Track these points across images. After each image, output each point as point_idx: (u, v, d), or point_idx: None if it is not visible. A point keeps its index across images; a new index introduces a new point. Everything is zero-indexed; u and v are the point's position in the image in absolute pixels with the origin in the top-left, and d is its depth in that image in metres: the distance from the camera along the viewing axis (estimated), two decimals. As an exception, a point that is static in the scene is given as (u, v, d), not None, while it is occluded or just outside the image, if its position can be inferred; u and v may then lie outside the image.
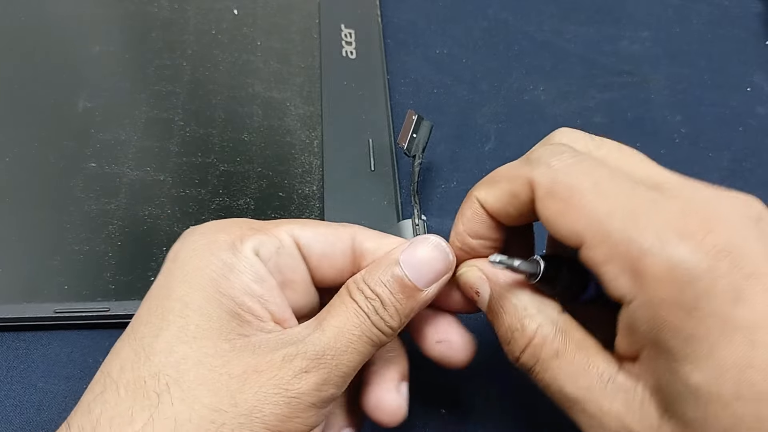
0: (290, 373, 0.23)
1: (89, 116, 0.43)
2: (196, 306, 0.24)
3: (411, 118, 0.38)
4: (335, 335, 0.24)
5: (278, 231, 0.26)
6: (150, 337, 0.23)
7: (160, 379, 0.22)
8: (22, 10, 0.49)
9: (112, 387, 0.23)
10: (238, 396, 0.22)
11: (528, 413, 0.33)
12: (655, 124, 0.45)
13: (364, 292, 0.25)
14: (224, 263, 0.25)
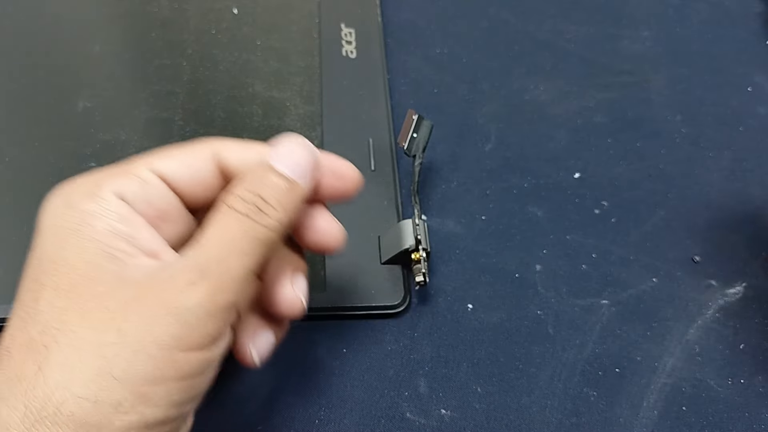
0: (175, 290, 0.23)
1: (89, 116, 0.43)
2: (63, 260, 0.24)
3: (411, 117, 0.38)
4: (217, 243, 0.24)
5: (137, 169, 0.26)
6: (31, 301, 0.23)
7: (45, 333, 0.22)
8: (22, 10, 0.49)
9: (6, 354, 0.23)
10: (124, 326, 0.22)
11: (528, 413, 0.33)
12: (655, 124, 0.45)
13: (242, 197, 0.25)
14: (84, 212, 0.25)
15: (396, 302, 0.36)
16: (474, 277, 0.38)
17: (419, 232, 0.35)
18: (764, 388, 0.34)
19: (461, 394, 0.34)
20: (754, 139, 0.45)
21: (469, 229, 0.40)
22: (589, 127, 0.45)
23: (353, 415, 0.33)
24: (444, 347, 0.35)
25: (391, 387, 0.34)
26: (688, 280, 0.38)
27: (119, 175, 0.26)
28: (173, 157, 0.27)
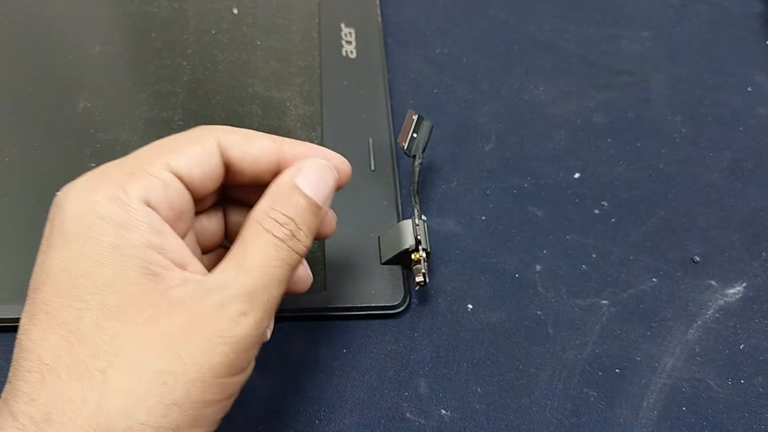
0: (228, 320, 0.24)
1: (89, 116, 0.43)
2: (107, 280, 0.23)
3: (411, 117, 0.38)
4: (261, 273, 0.25)
5: (157, 169, 0.26)
6: (74, 320, 0.23)
7: (99, 357, 0.22)
8: (22, 10, 0.49)
9: (53, 375, 0.22)
10: (183, 353, 0.23)
11: (528, 413, 0.33)
12: (655, 124, 0.45)
13: (277, 219, 0.26)
14: (117, 224, 0.24)
15: (396, 302, 0.36)
16: (474, 277, 0.38)
17: (419, 233, 0.35)
18: (764, 388, 0.34)
19: (461, 395, 0.34)
20: (754, 139, 0.45)
21: (469, 229, 0.40)
22: (589, 127, 0.45)
23: (353, 415, 0.33)
24: (444, 347, 0.35)
25: (391, 387, 0.34)
26: (688, 280, 0.38)
27: (141, 176, 0.25)
28: (185, 152, 0.27)
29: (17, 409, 0.22)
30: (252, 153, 0.28)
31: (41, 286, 0.24)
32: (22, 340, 0.24)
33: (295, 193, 0.27)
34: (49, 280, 0.24)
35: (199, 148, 0.27)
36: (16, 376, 0.23)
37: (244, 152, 0.28)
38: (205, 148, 0.27)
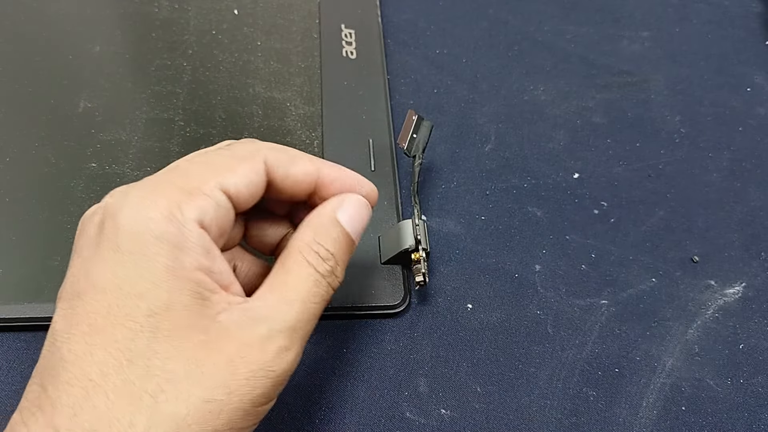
0: (272, 353, 0.24)
1: (90, 116, 0.43)
2: (162, 303, 0.23)
3: (411, 118, 0.38)
4: (302, 308, 0.26)
5: (210, 188, 0.26)
6: (125, 340, 0.23)
7: (149, 380, 0.22)
8: (22, 10, 0.49)
9: (98, 392, 0.22)
10: (231, 384, 0.23)
11: (528, 413, 0.33)
12: (655, 124, 0.45)
13: (319, 253, 0.27)
14: (172, 245, 0.24)
15: (396, 302, 0.36)
16: (474, 277, 0.38)
17: (419, 233, 0.35)
18: (764, 387, 0.34)
19: (461, 394, 0.34)
20: (753, 139, 0.45)
21: (469, 229, 0.40)
22: (589, 127, 0.45)
23: (353, 415, 0.33)
24: (444, 347, 0.35)
25: (391, 387, 0.34)
26: (688, 280, 0.38)
27: (196, 195, 0.25)
28: (236, 172, 0.27)
29: (59, 422, 0.22)
30: (294, 174, 0.28)
31: (87, 297, 0.24)
32: (61, 349, 0.23)
33: (336, 227, 0.28)
34: (97, 293, 0.24)
35: (249, 167, 0.27)
36: (55, 385, 0.23)
37: (288, 173, 0.28)
38: (254, 167, 0.27)
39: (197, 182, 0.26)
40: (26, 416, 0.23)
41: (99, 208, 0.26)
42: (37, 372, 0.24)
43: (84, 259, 0.25)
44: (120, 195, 0.25)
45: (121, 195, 0.25)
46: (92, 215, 0.26)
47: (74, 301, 0.24)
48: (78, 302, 0.24)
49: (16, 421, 0.23)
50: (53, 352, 0.23)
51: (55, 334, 0.24)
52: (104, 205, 0.25)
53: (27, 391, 0.24)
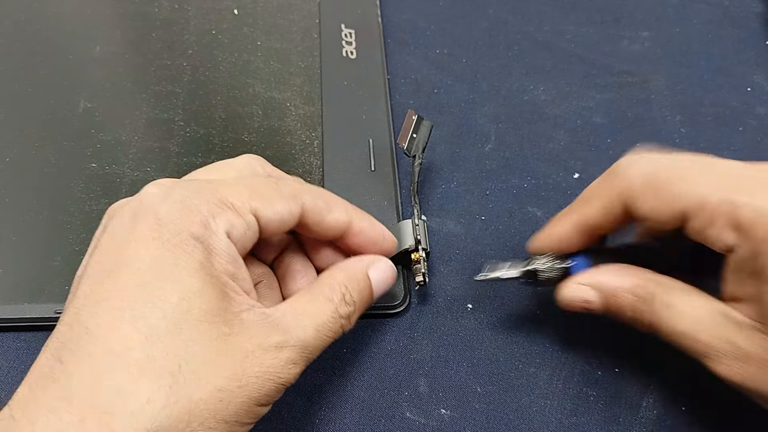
0: (282, 363, 0.26)
1: (90, 116, 0.43)
2: (195, 290, 0.25)
3: (411, 118, 0.38)
4: (316, 333, 0.28)
5: (244, 210, 0.27)
6: (155, 318, 0.24)
7: (171, 359, 0.23)
8: (22, 10, 0.49)
9: (120, 365, 0.23)
10: (243, 379, 0.25)
11: (528, 413, 0.33)
12: (655, 124, 0.45)
13: (344, 297, 0.29)
14: (204, 247, 0.26)
15: (396, 302, 0.36)
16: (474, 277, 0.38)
17: (419, 233, 0.35)
18: (763, 387, 0.34)
19: (461, 394, 0.34)
20: (753, 139, 0.45)
21: (469, 229, 0.40)
22: (589, 127, 0.45)
23: (353, 415, 0.33)
24: (444, 347, 0.35)
25: (391, 387, 0.34)
26: (688, 280, 0.38)
27: (229, 211, 0.27)
28: (273, 205, 0.28)
29: (75, 395, 0.22)
30: (327, 222, 0.30)
31: (120, 274, 0.25)
32: (86, 322, 0.24)
33: (365, 280, 0.31)
34: (132, 271, 0.25)
35: (286, 206, 0.29)
36: (74, 357, 0.23)
37: (322, 219, 0.30)
38: (290, 207, 0.29)
39: (235, 200, 0.27)
40: (36, 389, 0.23)
41: (132, 199, 0.27)
42: (51, 347, 0.24)
43: (117, 240, 0.26)
44: (165, 189, 0.27)
45: (165, 190, 0.27)
46: (124, 205, 0.27)
47: (104, 278, 0.25)
48: (108, 279, 0.25)
49: (23, 396, 0.23)
50: (74, 326, 0.24)
51: (80, 308, 0.24)
52: (142, 196, 0.27)
53: (36, 365, 0.24)
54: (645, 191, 0.28)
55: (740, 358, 0.27)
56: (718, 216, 0.26)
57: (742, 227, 0.26)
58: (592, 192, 0.31)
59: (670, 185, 0.27)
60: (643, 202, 0.28)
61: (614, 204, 0.29)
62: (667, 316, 0.28)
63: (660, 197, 0.28)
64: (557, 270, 0.32)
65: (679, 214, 0.27)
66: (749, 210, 0.25)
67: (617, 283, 0.30)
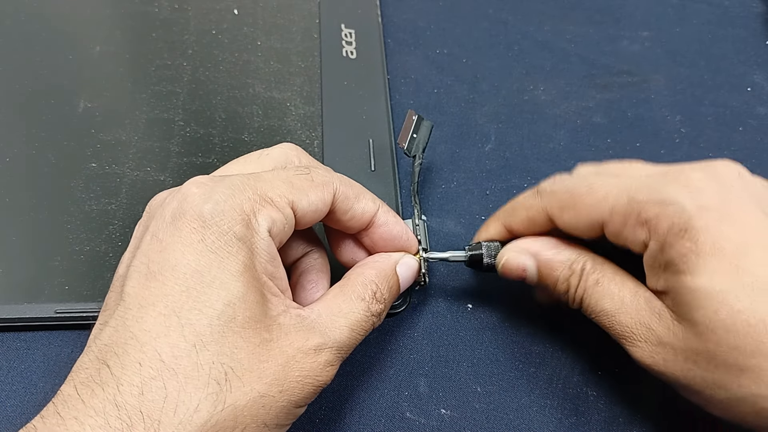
0: (320, 365, 0.27)
1: (90, 116, 0.43)
2: (240, 295, 0.25)
3: (411, 118, 0.38)
4: (350, 333, 0.28)
5: (283, 204, 0.28)
6: (201, 325, 0.24)
7: (217, 367, 0.24)
8: (22, 10, 0.49)
9: (169, 373, 0.23)
10: (284, 384, 0.25)
11: (528, 412, 0.33)
12: (655, 124, 0.45)
13: (375, 295, 0.30)
14: (248, 247, 0.26)
15: (396, 302, 0.36)
16: (474, 277, 0.38)
17: (419, 233, 0.35)
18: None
19: (461, 394, 0.34)
20: (753, 139, 0.45)
21: (469, 229, 0.40)
22: (589, 127, 0.45)
23: (353, 415, 0.33)
24: (444, 347, 0.35)
25: (391, 387, 0.34)
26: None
27: (271, 207, 0.27)
28: (308, 195, 0.29)
29: (123, 399, 0.22)
30: (356, 211, 0.31)
31: (165, 278, 0.25)
32: (132, 327, 0.24)
33: (395, 279, 0.31)
34: (177, 275, 0.25)
35: (320, 195, 0.29)
36: (121, 362, 0.23)
37: (351, 208, 0.31)
38: (324, 196, 0.29)
39: (274, 194, 0.27)
40: (83, 391, 0.23)
41: (173, 196, 0.27)
42: (96, 348, 0.24)
43: (161, 241, 0.26)
44: (206, 189, 0.27)
45: (207, 189, 0.27)
46: (166, 202, 0.27)
47: (149, 281, 0.25)
48: (153, 282, 0.25)
49: (69, 395, 0.23)
50: (120, 330, 0.24)
51: (125, 311, 0.25)
52: (184, 195, 0.27)
53: (81, 365, 0.24)
54: (564, 207, 0.30)
55: (655, 343, 0.28)
56: (627, 217, 0.28)
57: (649, 222, 0.27)
58: (519, 204, 0.33)
59: (583, 198, 0.29)
60: (564, 217, 0.30)
61: (539, 218, 0.32)
62: (595, 293, 0.30)
63: (577, 210, 0.30)
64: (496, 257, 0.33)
65: (595, 222, 0.29)
66: (652, 205, 0.27)
67: (553, 255, 0.32)
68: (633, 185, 0.28)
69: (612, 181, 0.29)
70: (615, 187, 0.29)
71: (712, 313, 0.25)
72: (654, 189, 0.28)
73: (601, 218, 0.29)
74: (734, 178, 0.29)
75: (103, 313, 0.26)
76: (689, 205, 0.26)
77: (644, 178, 0.29)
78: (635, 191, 0.28)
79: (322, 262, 0.33)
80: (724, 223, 0.26)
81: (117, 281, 0.27)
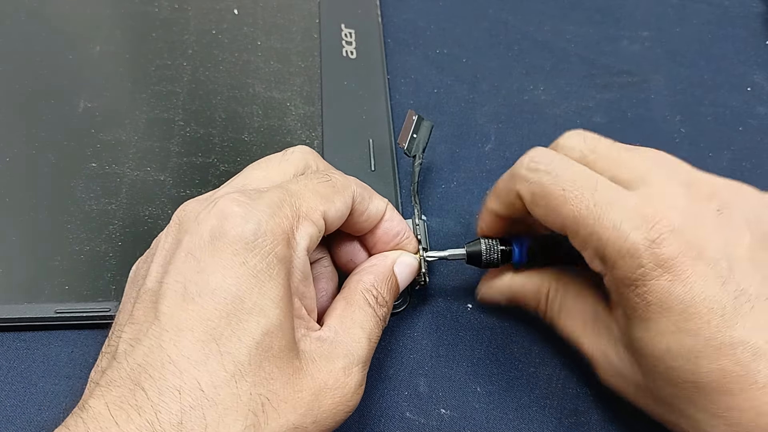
0: (352, 388, 0.27)
1: (90, 116, 0.43)
2: (278, 323, 0.25)
3: (411, 118, 0.38)
4: (369, 345, 0.28)
5: (317, 217, 0.27)
6: (241, 354, 0.24)
7: (255, 398, 0.24)
8: (22, 10, 0.49)
9: (208, 403, 0.23)
10: (317, 413, 0.25)
11: (528, 412, 0.33)
12: (655, 124, 0.45)
13: (377, 299, 0.30)
14: (287, 269, 0.26)
15: (396, 302, 0.36)
16: (474, 277, 0.38)
17: (419, 233, 0.35)
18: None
19: (461, 394, 0.34)
20: (753, 139, 0.45)
21: (469, 229, 0.40)
22: (589, 127, 0.44)
23: (353, 414, 0.33)
24: (444, 347, 0.35)
25: (390, 386, 0.34)
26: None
27: (307, 222, 0.27)
28: (335, 203, 0.29)
29: (162, 429, 0.22)
30: (371, 210, 0.31)
31: (204, 301, 0.24)
32: (168, 349, 0.23)
33: (393, 278, 0.31)
34: (217, 300, 0.24)
35: (344, 199, 0.29)
36: (158, 388, 0.23)
37: (366, 208, 0.31)
38: (346, 200, 0.29)
39: (308, 208, 0.27)
40: (117, 413, 0.22)
41: (209, 212, 0.26)
42: (128, 365, 0.24)
43: (199, 262, 0.25)
44: (246, 210, 0.26)
45: (247, 210, 0.26)
46: (201, 217, 0.26)
47: (186, 303, 0.24)
48: (192, 305, 0.24)
49: (101, 415, 0.22)
50: (156, 352, 0.23)
51: (163, 332, 0.24)
52: (223, 214, 0.26)
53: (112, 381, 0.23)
54: (534, 201, 0.29)
55: (613, 372, 0.29)
56: (587, 245, 0.27)
57: (607, 262, 0.27)
58: (499, 188, 0.32)
59: (553, 202, 0.28)
60: (534, 210, 0.29)
61: (514, 203, 0.31)
62: (560, 319, 0.32)
63: (545, 211, 0.29)
64: (498, 252, 0.33)
65: (560, 230, 0.29)
66: (614, 249, 0.26)
67: (521, 287, 0.33)
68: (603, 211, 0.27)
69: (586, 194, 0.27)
70: (587, 203, 0.27)
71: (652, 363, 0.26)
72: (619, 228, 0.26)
73: (567, 229, 0.28)
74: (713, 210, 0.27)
75: (130, 326, 0.25)
76: (646, 259, 0.25)
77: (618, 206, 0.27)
78: (604, 220, 0.26)
79: (331, 269, 0.33)
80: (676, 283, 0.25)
81: (146, 295, 0.26)
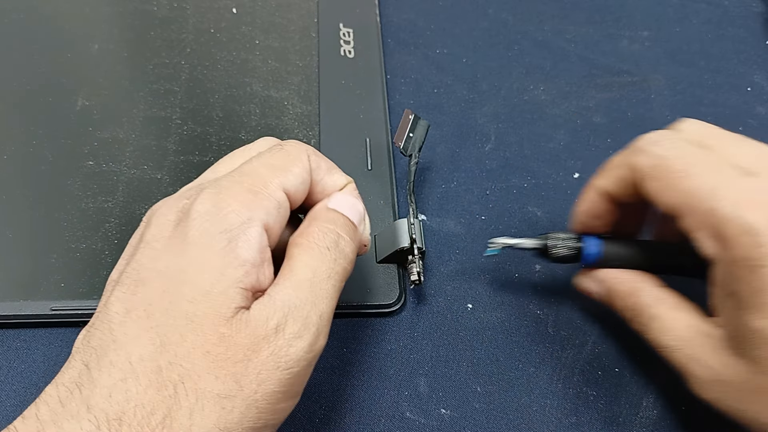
0: (282, 343, 0.24)
1: (87, 114, 0.43)
2: (203, 289, 0.24)
3: (408, 117, 0.38)
4: (310, 287, 0.26)
5: (273, 190, 0.27)
6: (163, 326, 0.24)
7: (174, 369, 0.23)
8: (21, 9, 0.49)
9: (133, 376, 0.23)
10: (242, 380, 0.23)
11: (528, 412, 0.33)
12: (655, 124, 0.45)
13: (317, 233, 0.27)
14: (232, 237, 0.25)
15: (391, 301, 0.36)
16: (474, 277, 0.38)
17: (414, 232, 0.35)
18: (765, 388, 0.34)
19: (461, 394, 0.34)
20: (753, 139, 0.44)
21: (469, 229, 0.40)
22: (589, 127, 0.45)
23: (353, 414, 0.33)
24: (444, 347, 0.35)
25: (391, 386, 0.34)
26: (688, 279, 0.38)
27: (263, 197, 0.26)
28: (292, 171, 0.28)
29: (94, 402, 0.22)
30: (326, 182, 0.30)
31: (149, 283, 0.24)
32: (115, 331, 0.24)
33: (330, 212, 0.29)
34: (156, 280, 0.24)
35: (302, 166, 0.28)
36: (99, 365, 0.23)
37: (321, 178, 0.29)
38: (305, 166, 0.28)
39: (262, 183, 0.26)
40: (62, 392, 0.23)
41: (168, 207, 0.27)
42: (83, 350, 0.24)
43: (155, 249, 0.25)
44: (192, 194, 0.26)
45: (193, 194, 0.26)
46: (162, 211, 0.27)
47: (137, 287, 0.25)
48: (140, 288, 0.25)
49: (50, 395, 0.23)
50: (107, 334, 0.24)
51: (111, 316, 0.24)
52: (180, 204, 0.26)
53: (67, 367, 0.24)
54: (653, 174, 0.28)
55: (714, 380, 0.28)
56: (704, 223, 0.26)
57: (725, 241, 0.25)
58: (614, 162, 0.31)
59: (674, 176, 0.27)
60: (650, 184, 0.28)
61: (628, 177, 0.30)
62: (653, 328, 0.30)
63: (664, 185, 0.28)
64: (568, 248, 0.32)
65: (674, 207, 0.27)
66: (734, 225, 0.25)
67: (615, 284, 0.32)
68: (726, 192, 0.26)
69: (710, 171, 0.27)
70: (709, 181, 0.26)
71: None
72: (741, 207, 0.25)
73: (681, 208, 0.27)
74: None
75: (94, 316, 0.26)
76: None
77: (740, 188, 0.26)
78: (726, 200, 0.26)
79: None
80: None
81: (109, 286, 0.26)
